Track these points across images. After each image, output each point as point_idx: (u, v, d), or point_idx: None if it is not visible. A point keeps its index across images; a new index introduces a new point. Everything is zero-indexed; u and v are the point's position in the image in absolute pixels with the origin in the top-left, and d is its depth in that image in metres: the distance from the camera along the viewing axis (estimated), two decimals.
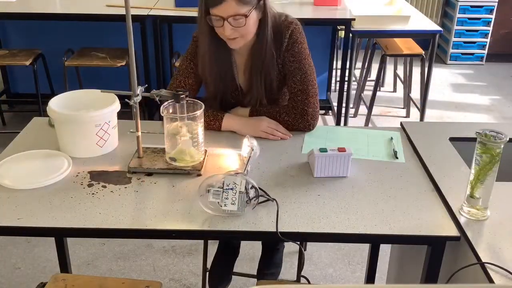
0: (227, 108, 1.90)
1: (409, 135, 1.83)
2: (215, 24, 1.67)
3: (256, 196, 1.40)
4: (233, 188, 1.36)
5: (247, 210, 1.39)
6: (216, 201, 1.37)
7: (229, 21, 1.64)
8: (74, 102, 1.74)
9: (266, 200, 1.43)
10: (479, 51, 5.54)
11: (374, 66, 4.49)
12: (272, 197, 1.42)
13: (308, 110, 1.80)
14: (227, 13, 1.62)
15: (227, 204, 1.35)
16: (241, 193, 1.36)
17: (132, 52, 1.50)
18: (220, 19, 1.64)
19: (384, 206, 1.44)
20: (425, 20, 3.82)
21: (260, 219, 1.37)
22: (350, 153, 1.56)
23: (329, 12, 3.64)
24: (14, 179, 1.51)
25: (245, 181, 1.38)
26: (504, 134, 1.29)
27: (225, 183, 1.38)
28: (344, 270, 2.51)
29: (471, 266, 1.25)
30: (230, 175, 1.40)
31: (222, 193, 1.36)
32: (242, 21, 1.64)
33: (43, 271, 2.49)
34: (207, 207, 1.38)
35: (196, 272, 2.48)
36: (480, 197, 1.35)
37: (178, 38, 3.98)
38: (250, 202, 1.39)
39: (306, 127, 1.82)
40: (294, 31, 1.78)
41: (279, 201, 1.42)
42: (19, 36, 4.02)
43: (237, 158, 1.67)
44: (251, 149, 1.58)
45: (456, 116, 4.33)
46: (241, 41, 1.71)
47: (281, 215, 1.38)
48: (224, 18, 1.63)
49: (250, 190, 1.39)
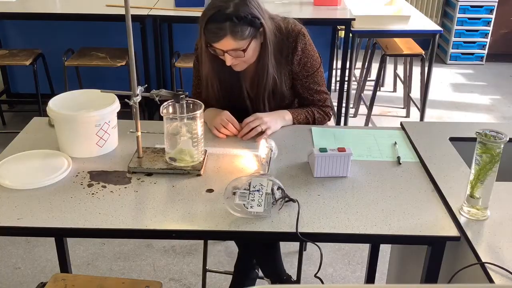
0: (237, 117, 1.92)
1: (409, 135, 1.83)
2: (217, 53, 1.74)
3: (282, 197, 1.39)
4: (259, 190, 1.36)
5: (273, 212, 1.38)
6: (242, 203, 1.36)
7: (229, 53, 1.71)
8: (74, 102, 1.74)
9: (288, 201, 1.42)
10: (479, 51, 5.54)
11: (374, 66, 4.49)
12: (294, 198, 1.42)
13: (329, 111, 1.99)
14: (226, 48, 1.69)
15: (253, 206, 1.35)
16: (267, 195, 1.36)
17: (132, 52, 1.50)
18: (220, 51, 1.71)
19: (384, 206, 1.44)
20: (425, 20, 3.82)
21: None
22: (350, 153, 1.56)
23: (329, 12, 3.64)
24: (14, 179, 1.51)
25: (271, 182, 1.38)
26: (504, 134, 1.29)
27: (251, 184, 1.37)
28: (344, 270, 2.51)
29: (471, 266, 1.25)
30: (256, 177, 1.39)
31: (249, 195, 1.36)
32: (241, 54, 1.71)
33: (43, 271, 2.49)
34: (234, 210, 1.37)
35: (196, 272, 2.48)
36: (480, 197, 1.35)
37: (178, 38, 3.99)
38: (276, 203, 1.39)
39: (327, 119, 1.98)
40: (307, 45, 1.86)
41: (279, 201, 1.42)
42: (19, 36, 4.02)
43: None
44: (270, 150, 1.58)
45: (456, 116, 4.33)
46: (243, 65, 1.80)
47: (281, 216, 1.38)
48: (224, 51, 1.70)
49: (276, 191, 1.38)
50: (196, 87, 1.99)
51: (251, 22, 1.67)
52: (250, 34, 1.69)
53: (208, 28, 1.67)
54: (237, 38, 1.66)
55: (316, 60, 1.90)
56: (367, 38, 4.23)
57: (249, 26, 1.67)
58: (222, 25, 1.64)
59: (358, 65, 4.57)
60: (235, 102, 1.92)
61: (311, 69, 1.89)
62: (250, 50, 1.72)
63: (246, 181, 1.38)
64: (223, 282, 2.41)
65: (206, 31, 1.68)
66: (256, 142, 1.73)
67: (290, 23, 1.85)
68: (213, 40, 1.69)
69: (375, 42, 4.04)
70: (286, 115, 1.89)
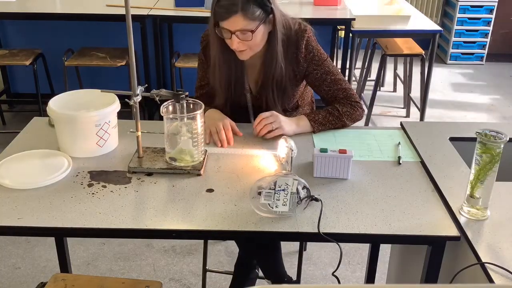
0: (238, 114, 1.92)
1: (409, 135, 1.83)
2: (224, 36, 1.73)
3: (307, 197, 1.39)
4: (285, 189, 1.36)
5: (298, 211, 1.38)
6: (267, 203, 1.36)
7: (236, 35, 1.69)
8: (74, 102, 1.74)
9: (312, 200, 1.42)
10: (479, 51, 5.54)
11: (374, 66, 4.49)
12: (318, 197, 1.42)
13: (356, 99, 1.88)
14: (234, 27, 1.68)
15: (278, 206, 1.35)
16: (292, 194, 1.36)
17: (132, 52, 1.50)
18: (228, 31, 1.69)
19: (384, 206, 1.44)
20: (425, 20, 3.82)
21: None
22: (350, 155, 1.55)
23: (329, 12, 3.64)
24: (14, 179, 1.51)
25: (297, 182, 1.38)
26: (504, 134, 1.29)
27: (277, 184, 1.37)
28: (344, 270, 2.51)
29: (471, 266, 1.25)
30: (282, 176, 1.39)
31: (274, 195, 1.36)
32: (249, 36, 1.69)
33: (43, 271, 2.49)
34: (259, 209, 1.37)
35: (196, 272, 2.48)
36: (480, 197, 1.35)
37: (178, 38, 3.98)
38: (301, 202, 1.39)
39: (361, 114, 1.90)
40: (309, 41, 1.85)
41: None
42: (19, 36, 4.02)
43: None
44: (290, 150, 1.58)
45: (456, 116, 4.33)
46: (249, 52, 1.77)
47: (282, 217, 1.38)
48: (232, 31, 1.68)
49: (302, 190, 1.39)
50: (200, 80, 1.97)
51: (263, 5, 1.68)
52: (260, 16, 1.69)
53: (220, 4, 1.67)
54: (247, 16, 1.66)
55: (322, 52, 1.89)
56: (367, 38, 4.23)
57: (260, 8, 1.68)
58: (235, 1, 1.65)
59: (358, 65, 4.58)
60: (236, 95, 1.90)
61: (319, 60, 1.86)
62: (258, 34, 1.71)
63: (271, 181, 1.38)
64: (223, 282, 2.41)
65: (217, 7, 1.68)
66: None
67: (297, 23, 1.86)
68: (223, 17, 1.67)
69: (375, 42, 4.04)
70: (301, 120, 1.84)
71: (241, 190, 1.49)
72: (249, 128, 1.83)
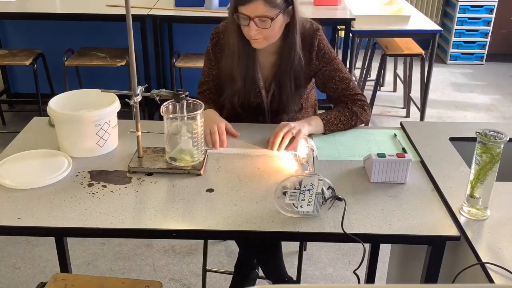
0: (248, 109, 1.91)
1: (409, 135, 1.83)
2: (242, 23, 1.72)
3: (332, 197, 1.39)
4: (310, 190, 1.36)
5: (322, 211, 1.38)
6: (292, 203, 1.36)
7: (255, 21, 1.68)
8: (74, 102, 1.74)
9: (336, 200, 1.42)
10: (479, 51, 5.54)
11: (374, 66, 4.49)
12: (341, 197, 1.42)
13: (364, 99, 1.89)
14: (254, 13, 1.67)
15: (303, 206, 1.35)
16: (317, 194, 1.36)
17: (132, 52, 1.50)
18: (246, 18, 1.69)
19: (384, 206, 1.44)
20: (425, 20, 3.82)
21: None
22: (409, 159, 1.52)
23: (329, 12, 3.64)
24: (14, 179, 1.51)
25: (322, 182, 1.38)
26: (504, 134, 1.29)
27: (302, 184, 1.37)
28: (344, 270, 2.51)
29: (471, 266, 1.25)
30: (307, 177, 1.39)
31: (299, 195, 1.36)
32: (268, 23, 1.69)
33: (43, 271, 2.49)
34: (284, 209, 1.37)
35: (196, 272, 2.48)
36: (480, 197, 1.35)
37: (178, 38, 3.98)
38: (326, 202, 1.39)
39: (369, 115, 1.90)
40: (321, 39, 1.86)
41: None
42: (19, 36, 4.02)
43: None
44: (311, 150, 1.57)
45: (456, 116, 4.33)
46: (264, 42, 1.76)
47: (282, 216, 1.38)
48: (251, 17, 1.68)
49: (327, 191, 1.39)
50: (205, 76, 1.97)
51: None
52: (281, 5, 1.69)
53: None
54: (268, 2, 1.66)
55: (332, 51, 1.90)
56: (367, 38, 4.23)
57: None
58: None
59: (358, 65, 4.58)
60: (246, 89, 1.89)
61: (329, 58, 1.87)
62: (277, 23, 1.71)
63: (296, 181, 1.38)
64: (223, 282, 2.41)
65: None
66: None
67: (308, 22, 1.88)
68: (243, 1, 1.67)
69: (375, 42, 4.04)
70: (312, 120, 1.81)
71: (241, 190, 1.49)
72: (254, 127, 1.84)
